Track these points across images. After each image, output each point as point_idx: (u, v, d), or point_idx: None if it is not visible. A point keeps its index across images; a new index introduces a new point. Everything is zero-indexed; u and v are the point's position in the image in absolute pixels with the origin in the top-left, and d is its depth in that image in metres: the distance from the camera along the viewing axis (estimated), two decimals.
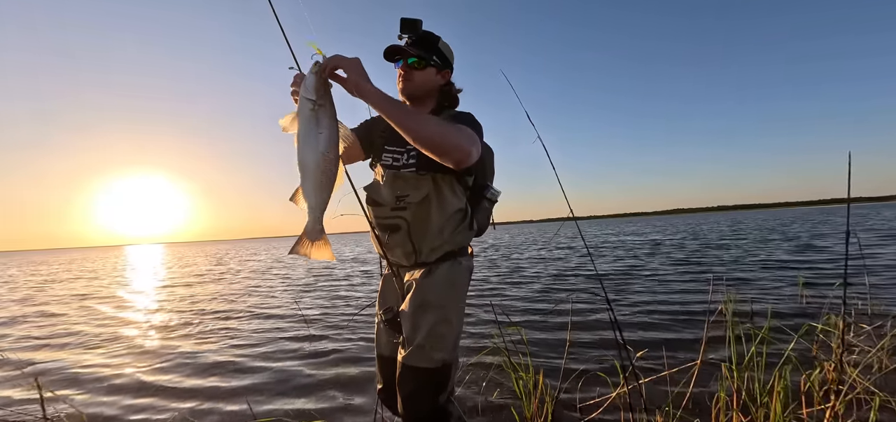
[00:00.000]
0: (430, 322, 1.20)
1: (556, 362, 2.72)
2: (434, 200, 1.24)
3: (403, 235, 1.26)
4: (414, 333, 1.20)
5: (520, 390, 2.04)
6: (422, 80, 1.28)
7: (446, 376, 1.21)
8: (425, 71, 1.27)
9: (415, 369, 1.18)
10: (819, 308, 3.74)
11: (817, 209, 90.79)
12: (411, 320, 1.22)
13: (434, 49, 1.28)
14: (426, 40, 1.28)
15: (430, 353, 1.18)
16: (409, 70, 1.27)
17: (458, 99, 1.38)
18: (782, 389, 1.55)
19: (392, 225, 1.27)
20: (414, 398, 1.18)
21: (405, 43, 1.27)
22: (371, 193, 1.34)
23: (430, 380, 1.18)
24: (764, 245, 10.31)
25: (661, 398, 2.08)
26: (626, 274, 6.75)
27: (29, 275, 14.44)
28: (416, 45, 1.26)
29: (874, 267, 5.76)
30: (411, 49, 1.25)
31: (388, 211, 1.27)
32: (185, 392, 2.66)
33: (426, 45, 1.27)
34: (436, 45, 1.29)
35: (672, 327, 3.49)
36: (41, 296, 8.10)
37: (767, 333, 1.64)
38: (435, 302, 1.22)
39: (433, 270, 1.27)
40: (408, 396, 1.18)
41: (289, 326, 4.37)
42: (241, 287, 7.97)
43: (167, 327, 4.69)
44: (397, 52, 1.27)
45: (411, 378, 1.18)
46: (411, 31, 1.25)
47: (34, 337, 4.47)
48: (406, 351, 1.20)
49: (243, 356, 3.36)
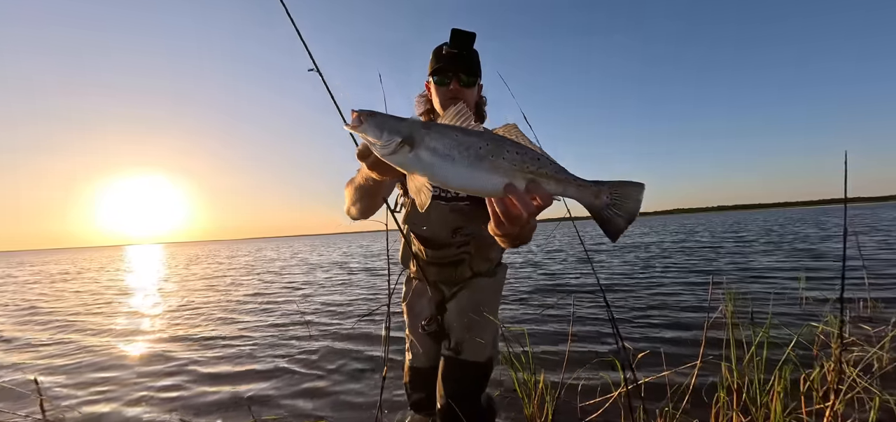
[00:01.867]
0: (480, 322, 1.24)
1: (557, 362, 2.72)
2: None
3: (465, 267, 1.26)
4: (465, 332, 1.22)
5: (520, 392, 2.04)
6: (470, 98, 1.20)
7: (490, 369, 1.26)
8: (473, 89, 1.20)
9: (465, 363, 1.20)
10: (819, 308, 3.74)
11: (819, 209, 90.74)
12: (461, 321, 1.24)
13: (479, 64, 1.21)
14: (476, 56, 1.19)
15: (482, 348, 1.22)
16: (462, 89, 1.18)
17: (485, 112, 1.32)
18: (782, 388, 1.55)
19: (456, 261, 1.25)
20: (461, 392, 1.19)
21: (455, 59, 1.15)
22: (417, 230, 1.27)
23: (478, 374, 1.22)
24: (764, 245, 10.31)
25: (661, 398, 2.08)
26: (626, 274, 6.75)
27: (29, 275, 14.44)
28: (470, 61, 1.17)
29: (874, 266, 5.76)
30: (466, 66, 1.15)
31: (452, 251, 1.26)
32: (185, 393, 2.65)
33: (476, 61, 1.19)
34: (478, 60, 1.21)
35: (672, 327, 3.48)
36: (41, 296, 8.09)
37: (767, 333, 1.64)
38: (484, 303, 1.26)
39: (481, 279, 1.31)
40: (454, 391, 1.18)
41: (289, 326, 4.37)
42: (241, 287, 7.97)
43: (167, 327, 4.69)
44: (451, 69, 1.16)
45: (460, 373, 1.20)
46: (465, 46, 1.14)
47: (34, 337, 4.47)
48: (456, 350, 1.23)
49: (243, 356, 3.36)
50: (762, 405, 1.59)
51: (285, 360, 3.20)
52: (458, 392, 1.18)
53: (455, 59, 1.15)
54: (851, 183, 1.22)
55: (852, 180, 1.20)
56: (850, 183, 1.19)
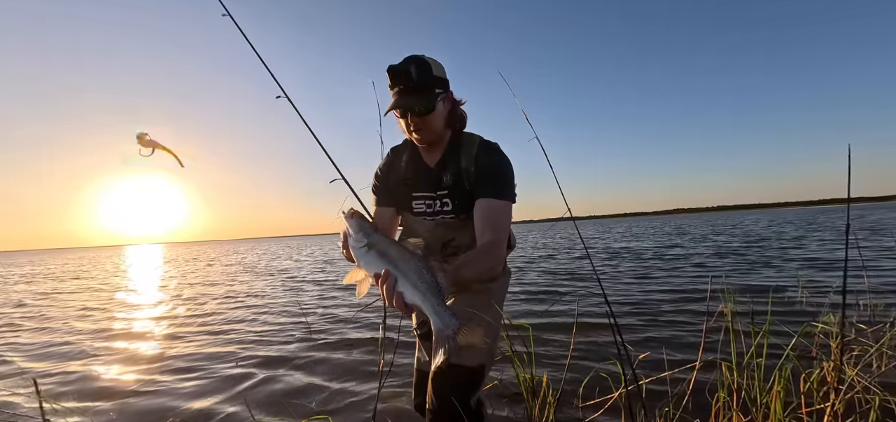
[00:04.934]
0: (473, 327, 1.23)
1: (558, 363, 2.73)
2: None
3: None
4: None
5: (525, 391, 2.05)
6: (435, 122, 1.19)
7: (481, 377, 1.22)
8: (434, 111, 1.17)
9: (454, 366, 1.17)
10: (819, 307, 3.75)
11: (819, 209, 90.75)
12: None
13: (433, 83, 1.17)
14: (424, 79, 1.15)
15: (472, 353, 1.18)
16: (420, 120, 1.17)
17: (465, 116, 1.30)
18: (782, 388, 1.56)
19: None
20: (447, 396, 1.18)
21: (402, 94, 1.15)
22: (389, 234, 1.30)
23: (466, 378, 1.19)
24: (765, 245, 10.31)
25: (660, 398, 2.08)
26: (626, 274, 6.76)
27: (29, 275, 14.44)
28: (416, 92, 1.15)
29: (874, 266, 5.76)
30: (414, 99, 1.14)
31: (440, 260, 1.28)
32: (185, 393, 2.66)
33: (425, 84, 1.16)
34: (433, 76, 1.17)
35: (672, 327, 3.49)
36: (41, 296, 8.10)
37: (767, 332, 1.65)
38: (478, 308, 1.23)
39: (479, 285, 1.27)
40: (442, 394, 1.17)
41: (289, 325, 4.37)
42: (241, 287, 7.97)
43: (166, 327, 4.69)
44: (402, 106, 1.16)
45: (449, 376, 1.18)
46: (404, 82, 1.13)
47: (34, 337, 4.47)
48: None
49: (243, 355, 3.36)
50: (762, 405, 1.60)
51: (286, 360, 3.20)
52: (445, 396, 1.16)
53: (402, 97, 1.15)
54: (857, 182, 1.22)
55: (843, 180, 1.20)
56: (843, 183, 1.19)
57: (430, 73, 1.16)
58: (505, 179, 1.18)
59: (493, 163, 1.20)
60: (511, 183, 1.20)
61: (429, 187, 1.26)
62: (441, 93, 1.19)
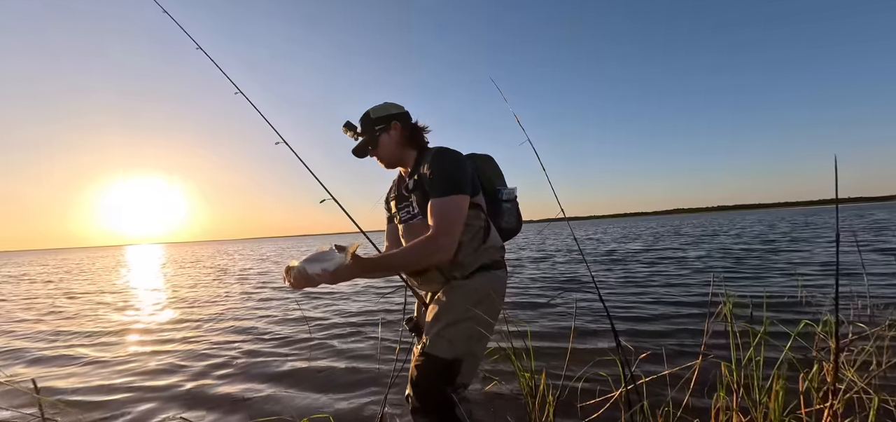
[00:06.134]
0: (446, 320, 1.33)
1: (557, 362, 2.73)
2: None
3: (434, 271, 1.41)
4: (431, 326, 1.35)
5: (525, 389, 2.05)
6: (387, 152, 1.49)
7: (456, 370, 1.31)
8: (381, 145, 1.48)
9: (429, 356, 1.30)
10: (819, 308, 3.75)
11: (820, 208, 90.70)
12: (431, 317, 1.38)
13: (374, 123, 1.48)
14: (364, 126, 1.49)
15: (448, 346, 1.29)
16: (374, 154, 1.50)
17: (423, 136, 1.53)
18: (781, 388, 1.56)
19: (422, 270, 1.43)
20: (423, 385, 1.30)
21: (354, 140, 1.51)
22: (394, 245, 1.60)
23: (440, 368, 1.29)
24: (765, 244, 10.32)
25: (660, 398, 2.09)
26: (625, 274, 6.76)
27: (30, 275, 14.45)
28: (362, 135, 1.49)
29: (874, 265, 5.77)
30: (361, 143, 1.48)
31: None
32: (183, 392, 2.67)
33: (366, 130, 1.49)
34: (371, 119, 1.48)
35: (672, 327, 3.49)
36: (41, 296, 8.10)
37: (766, 332, 1.65)
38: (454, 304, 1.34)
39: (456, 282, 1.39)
40: (417, 382, 1.30)
41: (289, 325, 4.38)
42: (241, 287, 7.98)
43: (166, 328, 4.70)
44: (358, 150, 1.51)
45: (424, 366, 1.30)
46: (352, 132, 1.51)
47: (34, 338, 4.48)
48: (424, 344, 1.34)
49: (243, 357, 3.37)
50: (762, 405, 1.60)
51: (285, 359, 3.21)
52: (419, 382, 1.30)
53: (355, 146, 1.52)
54: (857, 181, 1.22)
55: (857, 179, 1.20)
56: (845, 182, 1.20)
57: (368, 119, 1.49)
58: (445, 176, 1.32)
59: (436, 164, 1.36)
60: (453, 178, 1.32)
61: (405, 197, 1.49)
62: (382, 127, 1.47)
